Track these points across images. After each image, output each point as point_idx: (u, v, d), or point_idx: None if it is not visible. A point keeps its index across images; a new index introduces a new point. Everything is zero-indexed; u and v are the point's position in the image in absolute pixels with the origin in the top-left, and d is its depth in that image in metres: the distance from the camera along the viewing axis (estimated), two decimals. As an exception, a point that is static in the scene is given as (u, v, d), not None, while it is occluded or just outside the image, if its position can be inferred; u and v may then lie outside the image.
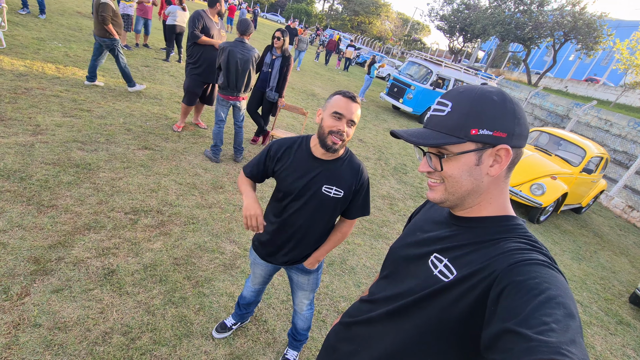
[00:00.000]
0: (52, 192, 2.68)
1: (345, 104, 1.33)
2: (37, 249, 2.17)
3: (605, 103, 19.60)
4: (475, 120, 0.66)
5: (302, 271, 1.68)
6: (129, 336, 1.85)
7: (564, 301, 0.52)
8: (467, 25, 29.10)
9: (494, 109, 0.66)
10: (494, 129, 0.65)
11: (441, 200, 0.74)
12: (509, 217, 0.72)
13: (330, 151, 1.37)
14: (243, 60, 3.59)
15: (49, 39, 6.23)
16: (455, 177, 0.70)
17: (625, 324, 3.57)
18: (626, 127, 9.04)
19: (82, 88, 4.68)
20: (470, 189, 0.70)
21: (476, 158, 0.68)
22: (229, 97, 3.76)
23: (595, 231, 6.30)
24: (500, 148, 0.66)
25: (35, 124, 3.49)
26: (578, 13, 21.63)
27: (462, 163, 0.68)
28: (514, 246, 0.63)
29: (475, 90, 0.68)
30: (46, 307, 1.86)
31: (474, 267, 0.65)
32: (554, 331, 0.48)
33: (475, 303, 0.62)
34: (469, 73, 11.03)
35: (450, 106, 0.69)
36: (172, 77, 6.60)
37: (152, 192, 3.10)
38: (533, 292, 0.53)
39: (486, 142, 0.66)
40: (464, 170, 0.69)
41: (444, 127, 0.69)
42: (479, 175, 0.69)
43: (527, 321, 0.50)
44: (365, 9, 47.00)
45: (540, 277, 0.55)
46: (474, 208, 0.73)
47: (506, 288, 0.56)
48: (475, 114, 0.66)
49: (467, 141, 0.67)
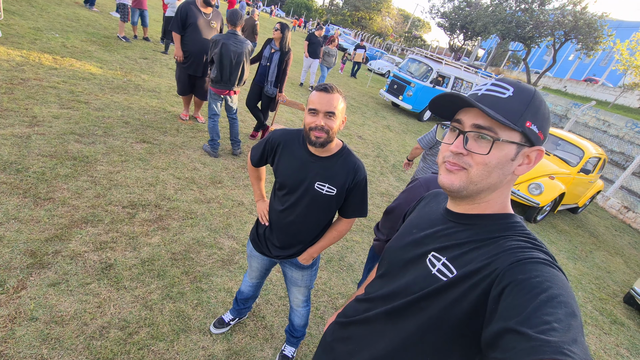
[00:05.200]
0: (49, 185, 2.65)
1: (317, 98, 1.30)
2: (33, 242, 2.15)
3: (604, 103, 19.66)
4: (533, 114, 0.64)
5: (296, 266, 1.68)
6: (127, 331, 1.84)
7: (565, 300, 0.52)
8: (467, 22, 28.99)
9: (545, 109, 0.66)
10: (540, 129, 0.65)
11: (459, 188, 0.68)
12: (507, 215, 0.71)
13: (317, 146, 1.35)
14: (237, 53, 3.53)
15: (46, 29, 6.14)
16: (490, 167, 0.66)
17: (619, 324, 3.60)
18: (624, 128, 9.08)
19: (80, 80, 4.62)
20: (494, 182, 0.67)
21: (515, 152, 0.66)
22: (222, 91, 3.71)
23: (591, 231, 6.34)
24: (536, 149, 0.66)
25: (32, 115, 3.45)
26: (579, 13, 21.59)
27: (504, 153, 0.65)
28: (515, 244, 0.63)
29: (532, 87, 0.67)
30: (43, 300, 1.85)
31: (474, 266, 0.64)
32: (555, 330, 0.47)
33: (476, 302, 0.61)
34: (469, 71, 11.01)
35: (512, 91, 0.66)
36: (171, 69, 6.53)
37: (150, 186, 3.07)
38: (535, 290, 0.53)
39: (531, 139, 0.65)
40: (500, 161, 0.65)
41: (502, 109, 0.64)
42: (508, 171, 0.67)
43: (528, 320, 0.50)
44: (365, 5, 46.67)
45: (542, 275, 0.55)
46: (481, 205, 0.72)
47: (508, 286, 0.56)
48: (534, 107, 0.65)
49: (520, 131, 0.64)
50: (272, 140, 1.50)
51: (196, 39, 4.00)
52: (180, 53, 4.05)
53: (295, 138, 1.48)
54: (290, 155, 1.46)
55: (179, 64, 4.16)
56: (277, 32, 4.10)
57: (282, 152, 1.48)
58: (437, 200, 0.90)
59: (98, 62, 5.46)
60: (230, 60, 3.52)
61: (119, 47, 6.70)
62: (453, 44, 34.37)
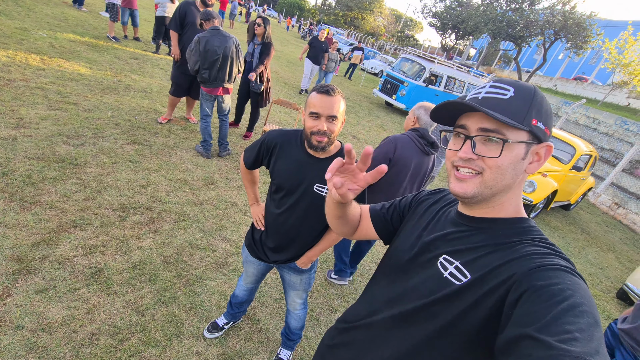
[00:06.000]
0: (36, 188, 2.58)
1: (320, 101, 1.25)
2: (19, 247, 2.09)
3: (594, 102, 19.95)
4: (537, 111, 0.65)
5: (294, 270, 1.64)
6: (117, 337, 1.79)
7: (588, 310, 0.50)
8: (459, 22, 29.24)
9: (547, 105, 0.66)
10: (546, 125, 0.65)
11: (473, 195, 0.67)
12: (522, 219, 0.69)
13: (318, 150, 1.32)
14: (222, 47, 3.44)
15: (33, 28, 6.02)
16: (503, 169, 0.65)
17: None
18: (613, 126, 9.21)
19: (68, 80, 4.53)
20: (508, 184, 0.66)
21: (525, 151, 0.65)
22: (213, 90, 3.63)
23: (583, 228, 6.41)
24: (545, 145, 0.65)
25: (19, 117, 3.36)
26: (568, 12, 21.91)
27: (515, 154, 0.65)
28: (534, 250, 0.61)
29: (529, 84, 0.67)
30: (29, 308, 1.79)
31: (490, 270, 0.62)
32: (577, 340, 0.46)
33: (492, 308, 0.59)
34: (462, 70, 11.08)
35: (512, 91, 0.65)
36: (162, 70, 6.45)
37: (141, 188, 3.01)
38: (555, 298, 0.51)
39: (539, 136, 0.65)
40: (512, 162, 0.65)
41: (505, 111, 0.64)
42: (520, 170, 0.66)
43: (548, 328, 0.48)
44: (358, 5, 46.78)
45: (564, 283, 0.53)
46: (495, 208, 0.70)
47: (526, 292, 0.54)
48: (537, 105, 0.65)
49: (527, 130, 0.64)
50: (268, 142, 1.45)
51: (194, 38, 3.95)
52: (178, 52, 4.00)
53: (292, 139, 1.44)
54: (287, 157, 1.42)
55: (176, 64, 4.09)
56: (260, 27, 4.14)
57: (278, 153, 1.44)
58: (441, 201, 0.87)
59: (87, 63, 5.36)
60: (216, 55, 3.42)
61: (109, 47, 6.60)
62: (445, 44, 34.62)
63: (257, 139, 1.53)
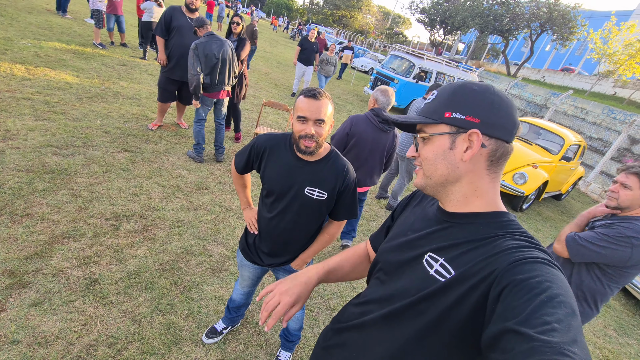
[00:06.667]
0: (27, 201, 2.55)
1: (307, 105, 1.26)
2: (12, 261, 2.06)
3: (581, 92, 20.23)
4: (451, 105, 0.71)
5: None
6: (115, 347, 1.78)
7: (565, 300, 0.52)
8: (447, 17, 29.41)
9: (471, 97, 0.70)
10: (466, 114, 0.69)
11: (422, 185, 0.78)
12: (500, 213, 0.71)
13: (307, 154, 1.33)
14: (220, 50, 3.50)
15: (17, 38, 5.93)
16: (430, 160, 0.74)
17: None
18: (601, 115, 9.35)
19: (55, 90, 4.47)
20: (446, 173, 0.73)
21: (450, 142, 0.71)
22: (215, 95, 3.68)
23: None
24: (472, 132, 0.68)
25: (5, 129, 3.31)
26: (553, 4, 22.16)
27: (437, 146, 0.73)
28: (513, 244, 0.63)
29: (461, 83, 0.73)
30: (24, 322, 1.77)
31: (473, 266, 0.64)
32: (556, 331, 0.47)
33: (476, 304, 0.61)
34: (451, 65, 11.15)
35: (435, 94, 0.76)
36: (151, 75, 6.40)
37: (134, 196, 3.00)
38: (534, 291, 0.53)
39: (459, 125, 0.69)
40: (438, 153, 0.73)
41: (425, 112, 0.76)
42: (453, 160, 0.71)
43: (528, 321, 0.50)
44: (346, 3, 46.79)
45: (542, 275, 0.55)
46: (461, 201, 0.73)
47: (507, 287, 0.56)
48: (453, 100, 0.71)
49: (441, 123, 0.71)
50: (258, 146, 1.46)
51: (180, 43, 3.93)
52: (164, 57, 3.98)
53: (282, 142, 1.44)
54: (277, 161, 1.43)
55: (163, 69, 4.07)
56: (239, 26, 4.27)
57: (268, 157, 1.44)
58: (424, 200, 0.90)
59: (74, 71, 5.30)
60: (215, 59, 3.47)
61: (96, 54, 6.53)
62: (434, 39, 34.80)
63: (247, 143, 1.53)
